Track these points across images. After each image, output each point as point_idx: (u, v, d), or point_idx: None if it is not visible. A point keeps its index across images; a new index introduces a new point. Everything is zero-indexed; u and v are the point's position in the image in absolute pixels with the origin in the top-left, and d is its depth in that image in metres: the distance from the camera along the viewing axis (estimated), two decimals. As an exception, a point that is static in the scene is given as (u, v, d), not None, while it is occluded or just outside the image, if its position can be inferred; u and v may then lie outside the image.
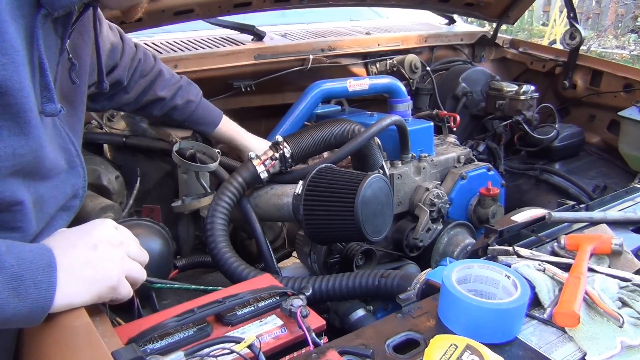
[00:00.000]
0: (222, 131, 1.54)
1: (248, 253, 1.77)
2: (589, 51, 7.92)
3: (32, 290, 0.69)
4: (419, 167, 1.74)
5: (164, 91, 1.44)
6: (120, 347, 0.70)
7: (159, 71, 1.45)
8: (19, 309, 0.68)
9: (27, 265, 0.69)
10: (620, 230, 1.18)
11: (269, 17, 2.16)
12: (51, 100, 0.80)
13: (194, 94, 1.50)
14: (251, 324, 0.88)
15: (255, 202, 1.48)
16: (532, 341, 0.83)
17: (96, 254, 0.79)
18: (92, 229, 0.83)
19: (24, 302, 0.68)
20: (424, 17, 2.83)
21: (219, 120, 1.53)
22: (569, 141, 2.38)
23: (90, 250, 0.79)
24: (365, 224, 1.29)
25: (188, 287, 1.17)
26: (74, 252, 0.77)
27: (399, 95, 1.86)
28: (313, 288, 1.22)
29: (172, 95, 1.46)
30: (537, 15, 10.94)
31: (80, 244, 0.79)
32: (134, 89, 1.40)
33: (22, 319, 0.69)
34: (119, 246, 0.83)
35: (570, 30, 2.40)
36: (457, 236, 1.71)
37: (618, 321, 0.85)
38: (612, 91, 2.36)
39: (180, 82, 1.48)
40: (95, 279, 0.78)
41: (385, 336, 0.83)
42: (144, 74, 1.41)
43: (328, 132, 1.54)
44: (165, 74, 1.46)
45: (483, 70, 2.51)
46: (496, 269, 0.92)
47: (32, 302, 0.69)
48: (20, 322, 0.71)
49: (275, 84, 1.99)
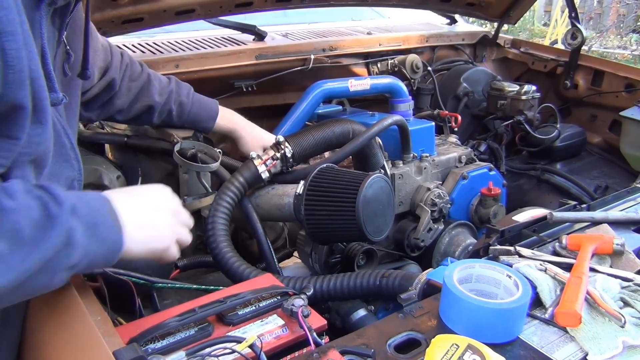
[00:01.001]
0: (222, 124, 1.51)
1: (249, 253, 1.76)
2: (591, 51, 7.91)
3: (107, 234, 0.77)
4: (420, 167, 1.74)
5: (156, 96, 1.40)
6: (122, 347, 0.71)
7: (148, 75, 1.41)
8: (99, 251, 0.76)
9: (97, 212, 0.77)
10: (622, 230, 1.18)
11: (270, 17, 2.16)
12: (53, 90, 0.82)
13: (184, 94, 1.46)
14: (252, 324, 0.88)
15: (256, 201, 1.48)
16: (534, 341, 0.83)
17: (157, 216, 0.88)
18: (156, 193, 0.92)
19: (102, 245, 0.76)
20: (426, 17, 2.83)
21: (216, 113, 1.50)
22: (570, 141, 2.38)
23: (153, 212, 0.87)
24: (367, 224, 1.29)
25: (189, 286, 1.17)
26: (139, 210, 0.86)
27: (400, 95, 1.86)
28: (314, 288, 1.22)
29: (166, 100, 1.42)
30: (539, 15, 10.93)
31: (145, 205, 0.88)
32: (126, 94, 1.37)
33: (101, 261, 0.79)
34: (175, 214, 0.92)
35: (572, 30, 2.40)
36: (459, 236, 1.71)
37: (620, 321, 0.85)
38: (613, 91, 2.36)
39: (170, 85, 1.45)
40: (153, 238, 0.86)
41: (386, 336, 0.83)
42: (133, 78, 1.38)
43: (329, 132, 1.54)
44: (155, 79, 1.43)
45: (484, 70, 2.51)
46: (497, 268, 0.92)
47: (109, 244, 0.77)
48: (100, 264, 0.80)
49: (277, 84, 1.99)
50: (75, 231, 0.71)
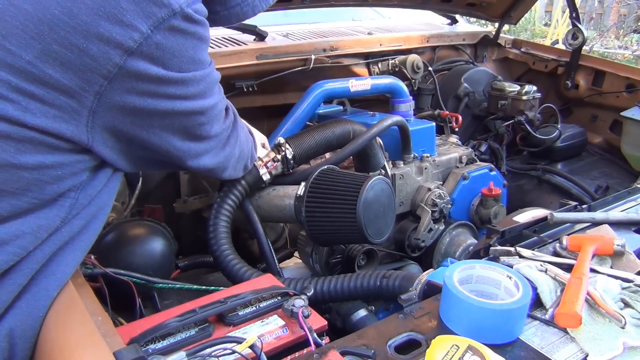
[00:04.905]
0: None
1: (250, 253, 1.77)
2: (592, 51, 7.90)
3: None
4: (421, 167, 1.74)
5: None
6: (122, 347, 0.71)
7: None
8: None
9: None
10: (623, 231, 1.18)
11: (271, 17, 2.15)
12: None
13: None
14: (253, 324, 0.88)
15: (257, 203, 1.48)
16: (534, 342, 0.83)
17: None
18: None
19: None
20: (426, 17, 2.83)
21: None
22: (571, 141, 2.38)
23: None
24: (367, 226, 1.28)
25: (190, 287, 1.18)
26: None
27: (401, 95, 1.86)
28: (315, 289, 1.22)
29: None
30: (540, 16, 10.92)
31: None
32: None
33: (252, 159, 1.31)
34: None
35: (573, 31, 2.39)
36: (459, 236, 1.71)
37: (620, 322, 0.85)
38: (614, 91, 2.36)
39: None
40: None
41: (386, 336, 0.83)
42: None
43: (330, 133, 1.54)
44: None
45: (485, 71, 2.51)
46: (498, 269, 0.92)
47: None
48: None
49: (277, 84, 1.99)
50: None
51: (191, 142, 0.98)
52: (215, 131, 1.03)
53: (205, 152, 1.04)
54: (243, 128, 1.23)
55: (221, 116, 1.06)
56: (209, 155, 1.06)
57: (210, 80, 0.96)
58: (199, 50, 0.89)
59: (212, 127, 1.01)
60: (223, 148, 1.10)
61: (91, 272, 1.05)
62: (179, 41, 0.83)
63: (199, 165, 1.04)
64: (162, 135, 0.91)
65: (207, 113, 0.97)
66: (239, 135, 1.17)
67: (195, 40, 0.87)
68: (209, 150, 1.05)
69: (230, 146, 1.13)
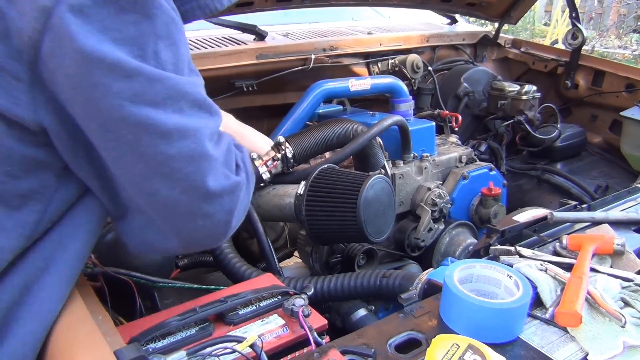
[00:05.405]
0: None
1: (249, 253, 1.76)
2: (593, 51, 7.90)
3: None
4: (420, 166, 1.74)
5: None
6: (123, 346, 0.71)
7: None
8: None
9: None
10: (623, 231, 1.18)
11: (270, 17, 2.15)
12: None
13: None
14: (253, 324, 0.88)
15: (257, 202, 1.48)
16: (534, 341, 0.83)
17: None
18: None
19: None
20: (426, 17, 2.83)
21: None
22: (570, 141, 2.38)
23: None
24: (367, 225, 1.28)
25: (190, 286, 1.17)
26: None
27: (401, 95, 1.86)
28: (315, 288, 1.22)
29: None
30: (539, 15, 10.92)
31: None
32: None
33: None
34: None
35: (573, 30, 2.40)
36: (459, 236, 1.71)
37: (620, 321, 0.85)
38: (614, 91, 2.36)
39: None
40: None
41: (387, 336, 0.83)
42: None
43: (330, 132, 1.54)
44: None
45: (485, 70, 2.51)
46: (498, 268, 0.92)
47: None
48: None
49: (277, 83, 1.99)
50: None
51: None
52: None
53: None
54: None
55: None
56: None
57: None
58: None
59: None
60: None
61: (91, 271, 1.05)
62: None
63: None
64: None
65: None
66: None
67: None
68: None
69: None
